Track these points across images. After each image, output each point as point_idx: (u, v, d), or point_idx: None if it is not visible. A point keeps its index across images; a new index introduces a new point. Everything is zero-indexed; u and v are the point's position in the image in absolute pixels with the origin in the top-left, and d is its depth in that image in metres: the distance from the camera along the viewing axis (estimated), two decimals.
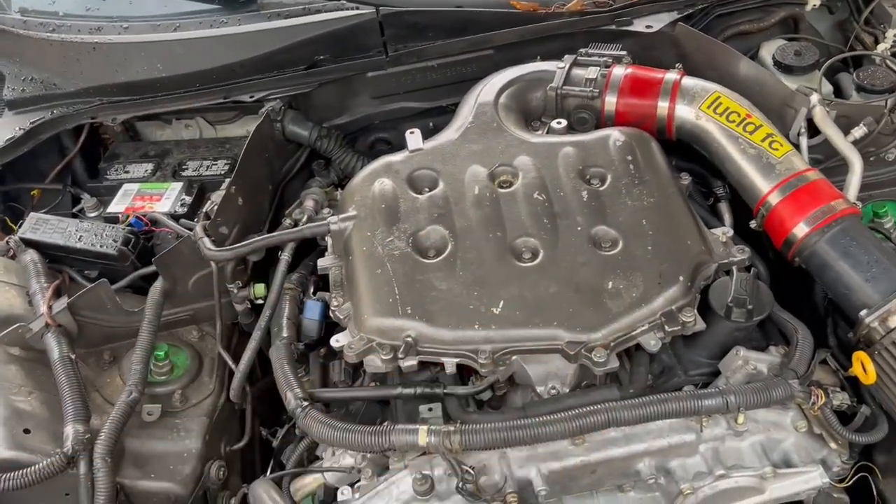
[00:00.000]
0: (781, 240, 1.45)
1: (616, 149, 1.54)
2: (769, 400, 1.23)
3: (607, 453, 1.26)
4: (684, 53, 1.82)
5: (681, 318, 1.30)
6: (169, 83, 1.85)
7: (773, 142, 1.49)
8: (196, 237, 1.52)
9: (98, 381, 1.52)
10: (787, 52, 1.80)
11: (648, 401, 1.22)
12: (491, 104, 1.67)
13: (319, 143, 1.84)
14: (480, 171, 1.53)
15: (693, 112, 1.58)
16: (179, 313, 1.64)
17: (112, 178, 1.90)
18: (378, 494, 1.27)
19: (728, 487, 1.24)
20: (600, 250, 1.39)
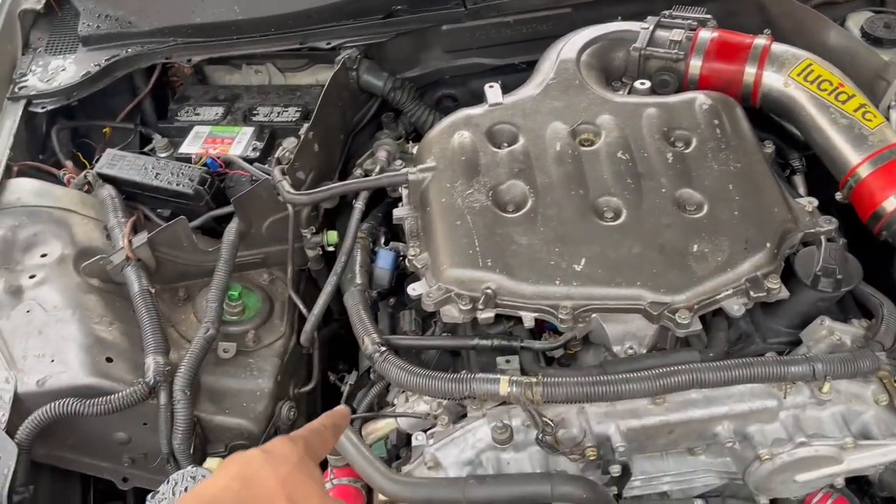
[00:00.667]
0: (869, 213, 1.42)
1: (702, 112, 1.51)
2: (855, 371, 1.22)
3: (687, 414, 1.25)
4: (770, 20, 1.78)
5: (766, 285, 1.28)
6: (244, 26, 1.85)
7: (865, 112, 1.46)
8: (275, 180, 1.53)
9: (173, 317, 1.54)
10: (876, 24, 1.75)
11: (733, 364, 1.21)
12: (573, 61, 1.64)
13: (393, 94, 1.83)
14: (562, 127, 1.52)
15: (782, 79, 1.55)
16: (251, 256, 1.66)
17: (182, 120, 1.90)
18: (454, 441, 1.28)
19: (807, 455, 1.24)
20: (685, 213, 1.37)
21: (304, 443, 0.87)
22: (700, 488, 1.40)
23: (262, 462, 0.81)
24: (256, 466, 0.80)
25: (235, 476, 0.79)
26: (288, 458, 0.83)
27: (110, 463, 1.46)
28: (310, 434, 0.91)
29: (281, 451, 0.84)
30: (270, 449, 0.84)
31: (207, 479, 0.83)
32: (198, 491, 0.81)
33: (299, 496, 0.79)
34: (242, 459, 0.82)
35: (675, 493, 1.41)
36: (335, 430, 0.96)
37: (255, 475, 0.79)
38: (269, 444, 0.86)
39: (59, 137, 1.89)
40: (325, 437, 0.93)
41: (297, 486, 0.79)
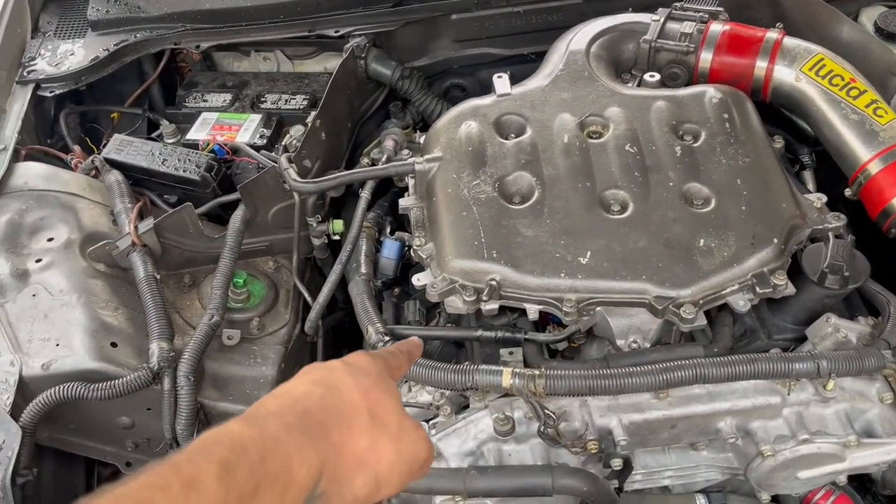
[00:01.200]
0: (879, 210, 1.41)
1: (712, 106, 1.50)
2: (861, 368, 1.21)
3: (690, 409, 1.25)
4: (782, 13, 1.76)
5: (772, 281, 1.28)
6: (254, 13, 1.84)
7: (877, 108, 1.45)
8: (282, 168, 1.52)
9: (178, 303, 1.54)
10: (890, 19, 1.74)
11: (738, 359, 1.20)
12: (583, 52, 1.63)
13: (401, 83, 1.83)
14: (570, 119, 1.51)
15: (793, 74, 1.54)
16: (257, 243, 1.66)
17: (190, 106, 1.90)
18: (456, 432, 1.28)
19: (809, 453, 1.23)
20: (692, 207, 1.37)
21: (383, 360, 0.86)
22: (701, 483, 1.41)
23: (344, 372, 0.79)
24: (339, 375, 0.78)
25: (318, 381, 0.77)
26: (369, 372, 0.81)
27: (113, 447, 1.47)
28: (388, 355, 0.90)
29: (362, 363, 0.82)
30: (351, 361, 0.82)
31: (288, 382, 0.78)
32: (279, 392, 0.77)
33: (380, 410, 0.77)
34: (324, 367, 0.80)
35: (676, 487, 1.42)
36: (409, 356, 0.95)
37: (338, 383, 0.77)
38: (349, 356, 0.84)
39: (68, 122, 1.90)
40: (400, 360, 0.91)
41: (378, 399, 0.77)
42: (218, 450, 0.63)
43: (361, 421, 0.75)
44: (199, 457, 0.61)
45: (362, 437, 0.74)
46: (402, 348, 0.95)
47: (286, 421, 0.70)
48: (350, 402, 0.75)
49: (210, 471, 0.60)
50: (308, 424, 0.71)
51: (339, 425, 0.73)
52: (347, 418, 0.74)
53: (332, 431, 0.72)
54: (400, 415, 0.78)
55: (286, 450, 0.66)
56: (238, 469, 0.62)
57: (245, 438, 0.65)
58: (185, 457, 0.62)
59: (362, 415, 0.75)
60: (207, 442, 0.64)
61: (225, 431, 0.66)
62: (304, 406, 0.73)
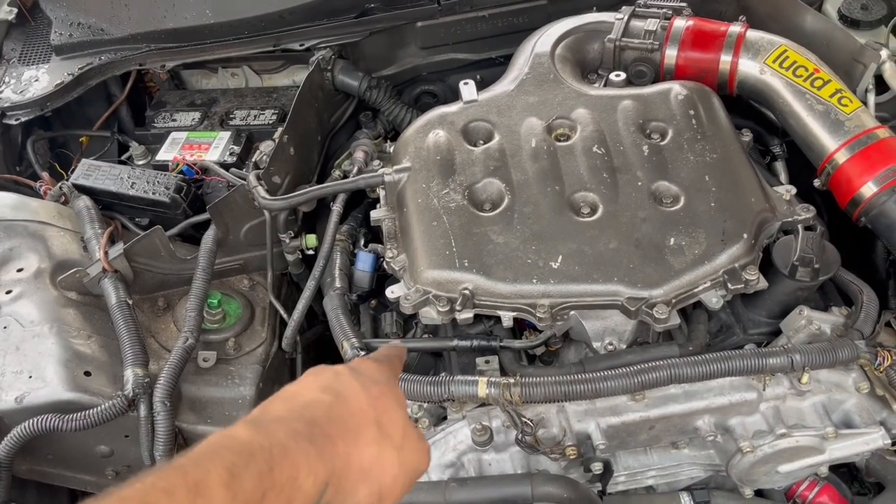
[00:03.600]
0: (847, 199, 1.41)
1: (677, 103, 1.50)
2: (835, 360, 1.21)
3: (667, 410, 1.25)
4: (747, 5, 1.76)
5: (744, 277, 1.28)
6: (218, 30, 1.83)
7: (842, 98, 1.45)
8: (250, 185, 1.52)
9: (153, 328, 1.53)
10: (853, 6, 1.74)
11: (712, 358, 1.20)
12: (548, 55, 1.63)
13: (369, 93, 1.82)
14: (537, 123, 1.51)
15: (757, 66, 1.54)
16: (230, 262, 1.65)
17: (159, 127, 1.89)
18: (435, 444, 1.27)
19: (788, 447, 1.23)
20: (661, 206, 1.36)
21: (389, 366, 0.85)
22: (685, 481, 1.40)
23: (352, 378, 0.78)
24: (347, 382, 0.77)
25: (326, 388, 0.76)
26: (377, 379, 0.80)
27: (93, 476, 1.46)
28: (390, 359, 0.89)
29: (369, 370, 0.81)
30: (358, 367, 0.81)
31: (295, 385, 0.76)
32: (287, 395, 0.75)
33: (386, 419, 0.76)
34: (332, 372, 0.79)
35: (660, 486, 1.41)
36: (399, 359, 0.94)
37: (346, 391, 0.76)
38: (355, 362, 0.84)
39: (36, 148, 1.88)
40: (397, 367, 0.91)
41: (385, 409, 0.77)
42: (226, 455, 0.62)
43: (368, 431, 0.74)
44: (206, 461, 0.61)
45: (368, 448, 0.73)
46: (392, 353, 0.95)
47: (294, 428, 0.69)
48: (358, 412, 0.75)
49: (217, 476, 0.59)
50: (316, 434, 0.70)
51: (346, 436, 0.72)
52: (355, 429, 0.74)
53: (339, 442, 0.71)
54: (405, 424, 0.78)
55: (294, 459, 0.66)
56: (246, 476, 0.61)
57: (253, 445, 0.64)
58: (191, 460, 0.61)
59: (370, 425, 0.75)
60: (215, 446, 0.63)
61: (232, 436, 0.65)
62: (313, 414, 0.72)
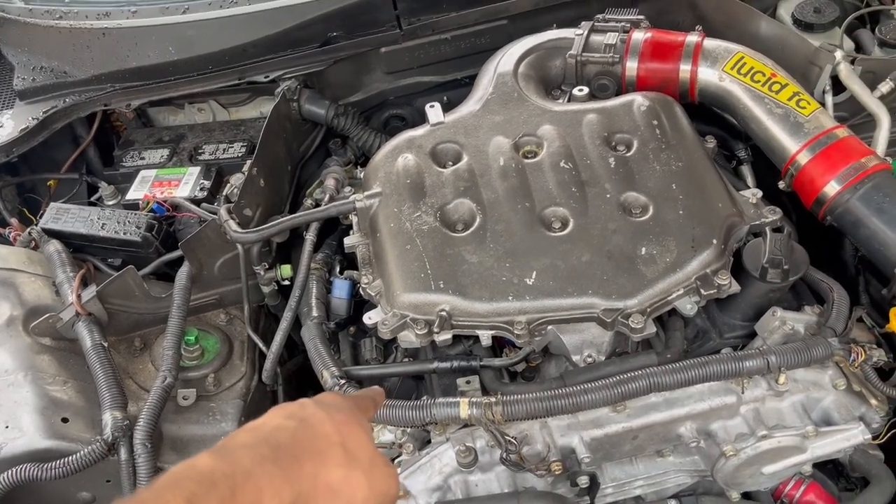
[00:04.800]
0: (812, 199, 1.43)
1: (641, 114, 1.52)
2: (809, 359, 1.22)
3: (649, 419, 1.25)
4: (703, 15, 1.80)
5: (716, 282, 1.29)
6: (182, 66, 1.83)
7: (800, 100, 1.48)
8: (221, 220, 1.51)
9: (130, 368, 1.52)
10: (806, 10, 1.78)
11: (689, 364, 1.21)
12: (511, 74, 1.65)
13: (336, 121, 1.82)
14: (504, 142, 1.52)
15: (716, 74, 1.56)
16: (206, 298, 1.64)
17: (128, 165, 1.89)
18: (420, 468, 1.27)
19: (770, 448, 1.24)
20: (631, 216, 1.38)
21: (353, 399, 0.87)
22: (673, 489, 1.41)
23: (316, 407, 0.79)
24: (311, 410, 0.78)
25: (291, 416, 0.77)
26: (341, 407, 0.81)
27: None
28: (355, 396, 0.91)
29: (333, 400, 0.83)
30: (322, 399, 0.82)
31: (260, 418, 0.77)
32: (251, 426, 0.76)
33: (353, 444, 0.76)
34: (296, 404, 0.80)
35: (649, 496, 1.41)
36: (374, 402, 0.94)
37: (311, 417, 0.77)
38: (319, 395, 0.85)
39: (3, 195, 1.87)
40: (367, 404, 0.92)
41: (350, 434, 0.77)
42: (186, 484, 0.62)
43: (335, 454, 0.74)
44: (166, 491, 0.61)
45: (336, 470, 0.74)
46: (367, 394, 0.95)
47: (259, 453, 0.69)
48: (323, 436, 0.75)
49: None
50: (281, 456, 0.70)
51: (312, 458, 0.72)
52: (321, 451, 0.74)
53: (306, 464, 0.72)
54: (372, 450, 0.78)
55: (257, 483, 0.66)
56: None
57: (215, 473, 0.64)
58: (153, 492, 0.61)
59: (336, 448, 0.75)
60: (177, 476, 0.64)
61: (194, 465, 0.65)
62: (277, 439, 0.72)
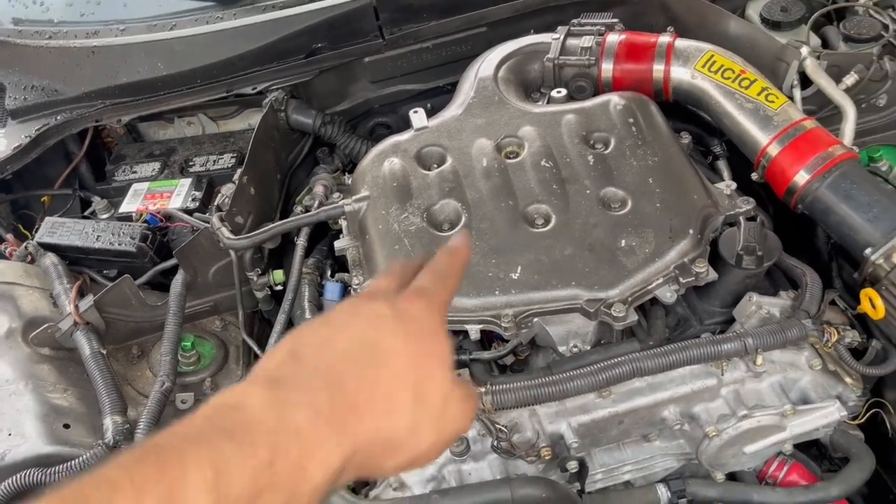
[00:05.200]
0: (783, 189, 1.49)
1: (617, 113, 1.58)
2: (785, 340, 1.28)
3: (633, 403, 1.30)
4: (674, 17, 1.86)
5: (694, 270, 1.34)
6: (170, 81, 1.87)
7: (768, 95, 1.53)
8: (214, 228, 1.55)
9: (129, 375, 1.55)
10: (773, 9, 1.84)
11: (670, 349, 1.26)
12: (491, 78, 1.70)
13: (323, 129, 1.87)
14: (487, 143, 1.57)
15: (688, 72, 1.62)
16: (201, 304, 1.68)
17: (120, 180, 1.92)
18: None
19: (751, 427, 1.29)
20: (610, 211, 1.43)
21: (439, 305, 0.70)
22: (661, 473, 1.45)
23: (396, 330, 0.65)
24: (388, 334, 0.65)
25: (364, 340, 0.64)
26: (423, 329, 0.67)
27: None
28: (444, 289, 0.72)
29: (417, 315, 0.67)
30: (405, 308, 0.67)
31: (331, 322, 0.66)
32: (321, 336, 0.65)
33: (427, 385, 0.64)
34: (374, 316, 0.66)
35: (637, 480, 1.46)
36: (453, 279, 0.76)
37: (386, 347, 0.64)
38: (403, 297, 0.69)
39: None
40: (449, 287, 0.74)
41: (427, 373, 0.65)
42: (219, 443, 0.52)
43: (403, 401, 0.63)
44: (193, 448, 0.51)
45: (401, 419, 0.63)
46: (449, 268, 0.76)
47: (315, 403, 0.58)
48: (395, 376, 0.63)
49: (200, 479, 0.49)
50: (338, 410, 0.59)
51: (374, 407, 0.62)
52: (387, 396, 0.63)
53: (366, 416, 0.61)
54: (447, 389, 0.66)
55: (305, 449, 0.56)
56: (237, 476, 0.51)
57: (261, 426, 0.54)
58: (177, 442, 0.51)
59: (406, 392, 0.63)
60: (213, 421, 0.54)
61: (239, 406, 0.56)
62: (341, 377, 0.61)
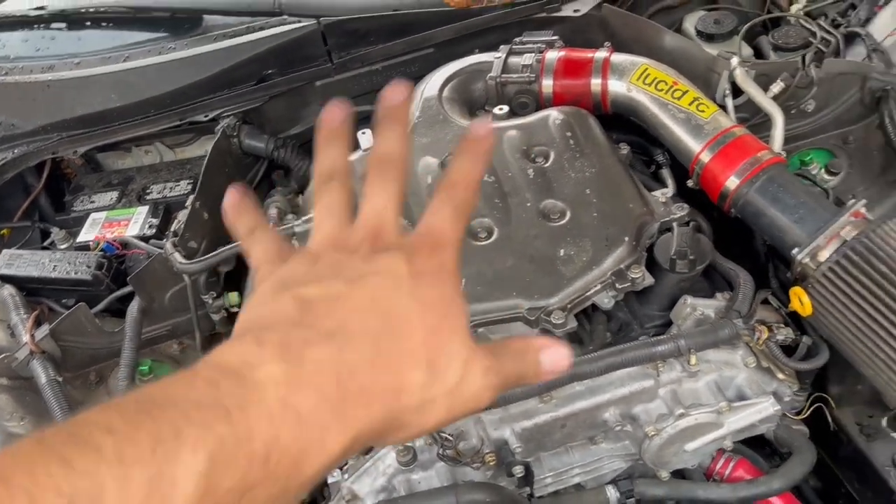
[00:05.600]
0: (717, 194, 1.54)
1: (556, 127, 1.63)
2: (716, 340, 1.32)
3: (574, 407, 1.34)
4: (613, 33, 1.92)
5: (629, 275, 1.39)
6: (125, 111, 1.92)
7: (699, 104, 1.59)
8: (167, 253, 1.59)
9: (88, 402, 1.57)
10: (707, 22, 1.91)
11: (606, 353, 1.31)
12: (435, 98, 1.75)
13: (276, 153, 1.92)
14: (432, 161, 1.62)
15: (624, 85, 1.68)
16: (159, 329, 1.71)
17: (79, 210, 1.96)
18: (366, 472, 1.34)
19: (689, 425, 1.33)
20: (550, 222, 1.48)
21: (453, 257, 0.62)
22: (609, 474, 1.49)
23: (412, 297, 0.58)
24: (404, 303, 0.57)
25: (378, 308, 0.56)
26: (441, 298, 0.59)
27: None
28: (455, 224, 0.63)
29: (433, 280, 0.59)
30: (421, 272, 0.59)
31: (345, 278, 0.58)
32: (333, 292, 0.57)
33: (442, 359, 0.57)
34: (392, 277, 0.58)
35: (588, 483, 1.49)
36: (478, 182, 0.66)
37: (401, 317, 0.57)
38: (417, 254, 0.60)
39: None
40: (465, 217, 0.64)
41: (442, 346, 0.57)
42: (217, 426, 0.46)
43: (416, 378, 0.56)
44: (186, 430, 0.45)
45: (412, 399, 0.56)
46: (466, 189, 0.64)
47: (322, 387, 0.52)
48: (408, 352, 0.56)
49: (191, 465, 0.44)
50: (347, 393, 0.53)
51: (385, 389, 0.55)
52: (398, 375, 0.56)
53: (375, 401, 0.54)
54: (463, 363, 0.58)
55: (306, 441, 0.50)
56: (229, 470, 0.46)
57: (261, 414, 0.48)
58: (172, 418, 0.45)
59: (418, 370, 0.56)
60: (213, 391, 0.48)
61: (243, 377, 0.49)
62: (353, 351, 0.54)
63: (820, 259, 1.37)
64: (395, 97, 0.66)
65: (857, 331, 1.31)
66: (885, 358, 1.28)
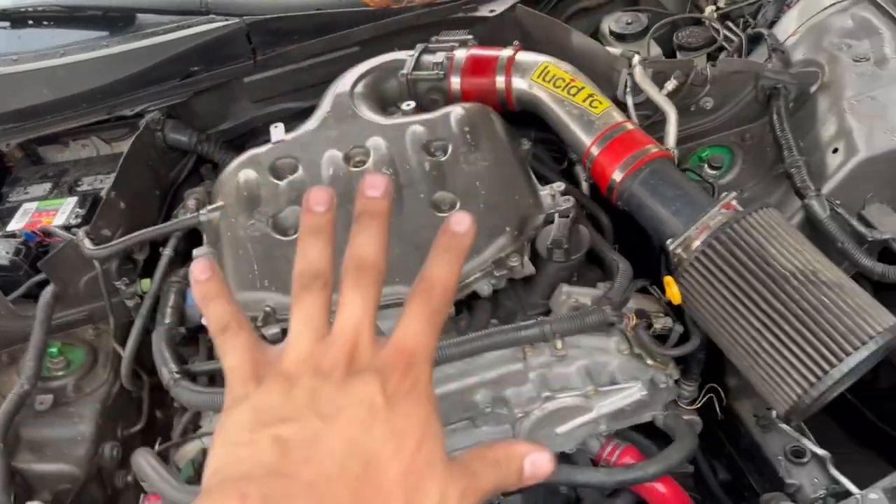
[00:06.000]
0: (605, 187, 1.59)
1: (456, 122, 1.68)
2: (583, 326, 1.37)
3: (446, 388, 1.39)
4: (527, 32, 1.97)
5: (508, 264, 1.44)
6: (57, 106, 1.98)
7: (593, 101, 1.64)
8: (78, 240, 1.65)
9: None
10: (620, 22, 1.96)
11: (474, 336, 1.35)
12: (347, 94, 1.81)
13: (200, 147, 1.98)
14: (336, 154, 1.67)
15: (526, 83, 1.73)
16: (75, 314, 1.76)
17: (13, 200, 2.02)
18: None
19: (556, 408, 1.38)
20: (439, 212, 1.53)
21: (428, 374, 0.63)
22: None
23: (387, 435, 0.58)
24: (380, 441, 0.58)
25: (353, 453, 0.58)
26: (415, 430, 0.60)
27: None
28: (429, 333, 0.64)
29: (408, 410, 0.60)
30: (396, 402, 0.60)
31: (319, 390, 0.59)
32: (318, 457, 0.57)
33: (417, 497, 0.58)
34: (367, 416, 0.59)
35: None
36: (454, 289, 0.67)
37: (378, 457, 0.58)
38: (391, 380, 0.60)
39: None
40: (439, 322, 0.65)
41: (420, 482, 0.58)
42: None
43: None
44: None
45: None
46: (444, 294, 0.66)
47: None
48: (385, 493, 0.57)
49: None
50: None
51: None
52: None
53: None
54: (439, 493, 0.59)
55: None
56: None
57: None
58: None
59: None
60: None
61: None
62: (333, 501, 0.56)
63: (692, 249, 1.42)
64: (375, 191, 0.65)
65: (721, 319, 1.35)
66: (747, 346, 1.32)
